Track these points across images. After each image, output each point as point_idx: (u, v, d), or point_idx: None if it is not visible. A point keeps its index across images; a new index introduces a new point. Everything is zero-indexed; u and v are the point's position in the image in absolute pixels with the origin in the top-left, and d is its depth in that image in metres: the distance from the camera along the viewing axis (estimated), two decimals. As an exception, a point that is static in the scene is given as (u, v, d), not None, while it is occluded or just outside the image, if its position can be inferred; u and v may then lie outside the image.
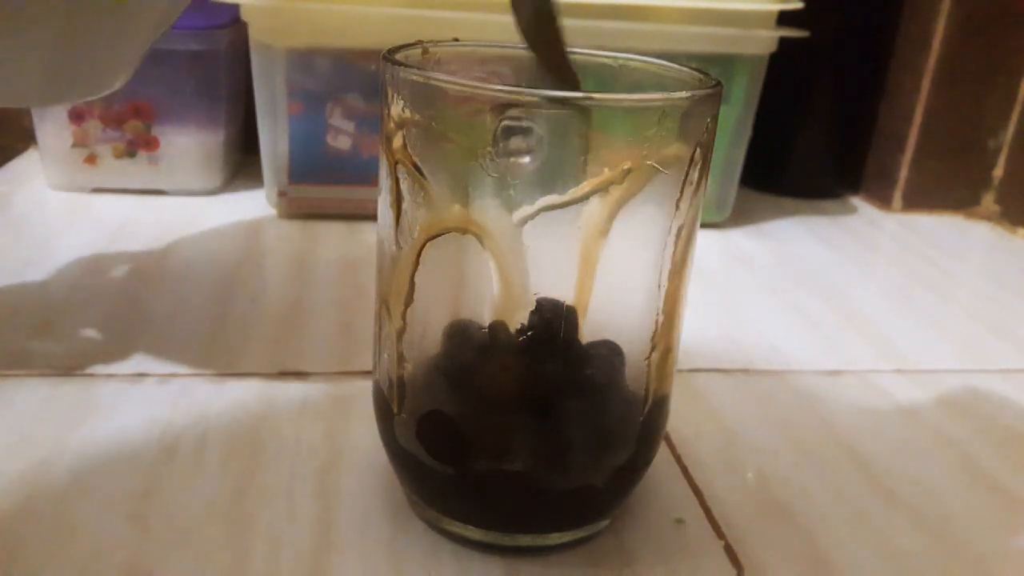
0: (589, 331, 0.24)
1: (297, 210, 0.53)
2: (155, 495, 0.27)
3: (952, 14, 0.59)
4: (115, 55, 0.27)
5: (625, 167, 0.22)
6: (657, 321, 0.25)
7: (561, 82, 0.24)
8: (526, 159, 0.22)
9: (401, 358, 0.25)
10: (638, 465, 0.27)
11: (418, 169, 0.23)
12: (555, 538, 0.26)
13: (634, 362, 0.25)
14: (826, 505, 0.30)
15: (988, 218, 0.64)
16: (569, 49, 0.25)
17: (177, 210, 0.53)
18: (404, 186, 0.24)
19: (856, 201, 0.66)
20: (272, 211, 0.54)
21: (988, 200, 0.64)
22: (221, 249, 0.48)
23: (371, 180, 0.53)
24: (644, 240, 0.24)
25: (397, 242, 0.24)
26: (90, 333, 0.37)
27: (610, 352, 0.25)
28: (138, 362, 0.35)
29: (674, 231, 0.24)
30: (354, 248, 0.49)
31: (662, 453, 0.31)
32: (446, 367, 0.25)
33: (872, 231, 0.60)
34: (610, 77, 0.27)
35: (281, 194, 0.53)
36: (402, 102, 0.23)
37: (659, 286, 0.24)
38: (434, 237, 0.23)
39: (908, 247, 0.57)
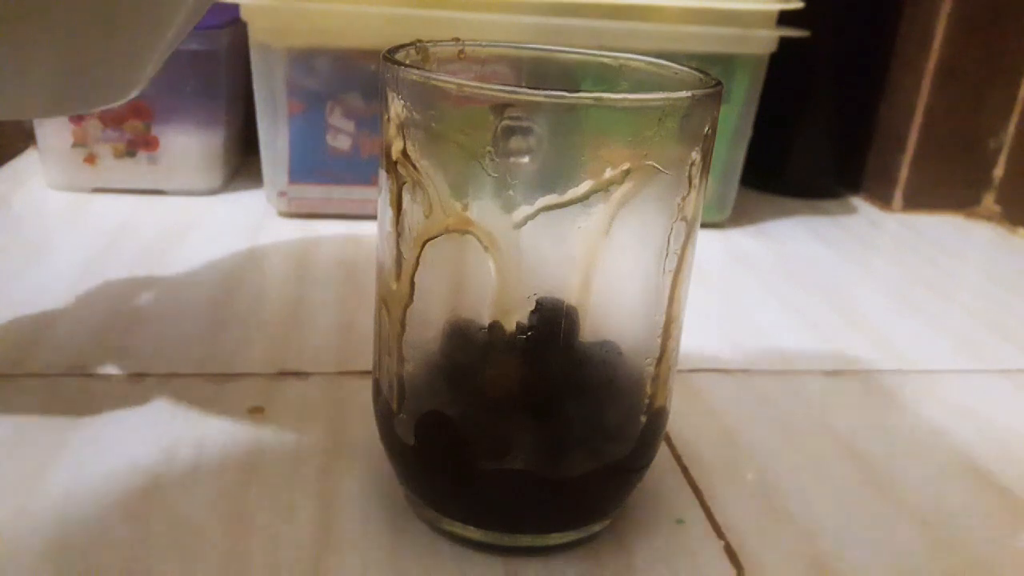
0: (589, 331, 0.24)
1: (297, 210, 0.53)
2: (155, 495, 0.27)
3: (952, 14, 0.59)
4: (129, 65, 0.27)
5: (625, 167, 0.22)
6: (657, 321, 0.25)
7: None
8: (526, 159, 0.22)
9: (401, 358, 0.25)
10: (638, 465, 0.27)
11: (418, 169, 0.23)
12: (555, 538, 0.26)
13: (634, 362, 0.25)
14: (826, 505, 0.30)
15: (988, 218, 0.64)
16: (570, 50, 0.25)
17: (177, 210, 0.53)
18: (404, 186, 0.24)
19: (856, 201, 0.66)
20: (272, 211, 0.54)
21: (988, 200, 0.64)
22: (221, 249, 0.48)
23: (371, 180, 0.53)
24: (644, 240, 0.24)
25: (397, 242, 0.24)
26: (90, 333, 0.37)
27: (610, 352, 0.25)
28: (138, 362, 0.35)
29: (674, 231, 0.24)
30: (354, 248, 0.49)
31: (662, 453, 0.31)
32: (446, 367, 0.25)
33: (872, 231, 0.60)
34: (610, 77, 0.27)
35: (281, 194, 0.53)
36: (402, 102, 0.23)
37: (659, 286, 0.24)
38: (434, 237, 0.23)
39: (908, 247, 0.57)
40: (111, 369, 0.35)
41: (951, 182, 0.64)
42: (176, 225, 0.51)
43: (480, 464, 0.25)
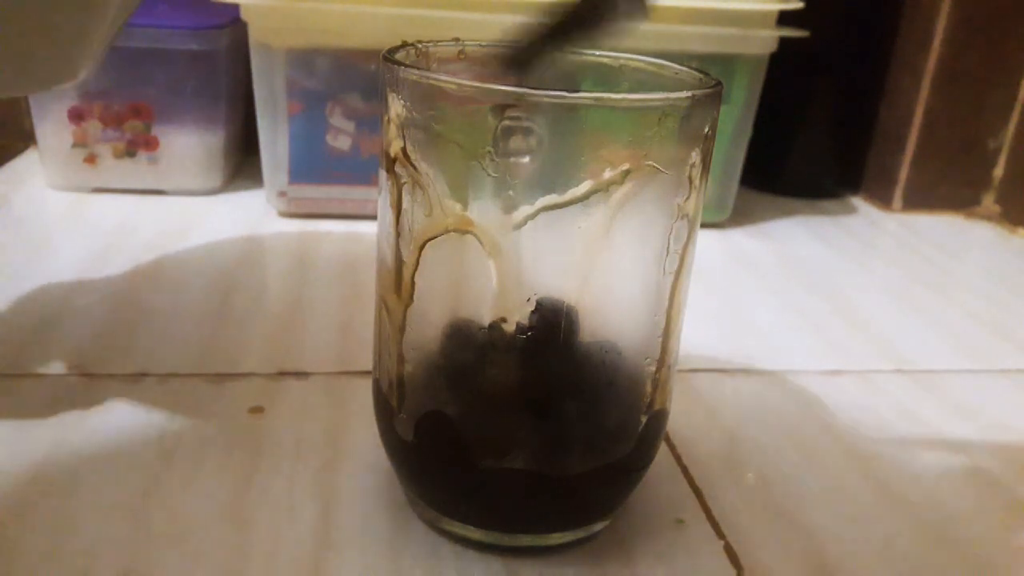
0: (589, 331, 0.24)
1: (297, 210, 0.53)
2: (155, 495, 0.27)
3: (952, 14, 0.59)
4: (73, 41, 0.26)
5: (625, 168, 0.22)
6: (657, 321, 0.25)
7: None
8: (526, 159, 0.22)
9: (401, 358, 0.25)
10: (638, 465, 0.27)
11: (418, 170, 0.23)
12: (555, 538, 0.26)
13: (634, 362, 0.25)
14: (826, 505, 0.30)
15: (988, 218, 0.64)
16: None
17: (177, 210, 0.53)
18: (404, 186, 0.24)
19: (856, 201, 0.66)
20: (272, 211, 0.54)
21: (988, 200, 0.64)
22: (221, 249, 0.48)
23: (371, 180, 0.53)
24: (644, 240, 0.24)
25: (397, 242, 0.24)
26: (90, 333, 0.37)
27: (610, 352, 0.25)
28: (138, 362, 0.35)
29: (674, 231, 0.24)
30: (354, 248, 0.49)
31: (662, 453, 0.31)
32: (446, 367, 0.25)
33: (872, 231, 0.60)
34: (610, 77, 0.27)
35: (281, 194, 0.53)
36: (402, 102, 0.23)
37: (659, 286, 0.24)
38: (434, 238, 0.23)
39: (908, 247, 0.57)
40: (111, 369, 0.35)
41: (951, 182, 0.64)
42: (176, 225, 0.51)
43: (480, 464, 0.25)
